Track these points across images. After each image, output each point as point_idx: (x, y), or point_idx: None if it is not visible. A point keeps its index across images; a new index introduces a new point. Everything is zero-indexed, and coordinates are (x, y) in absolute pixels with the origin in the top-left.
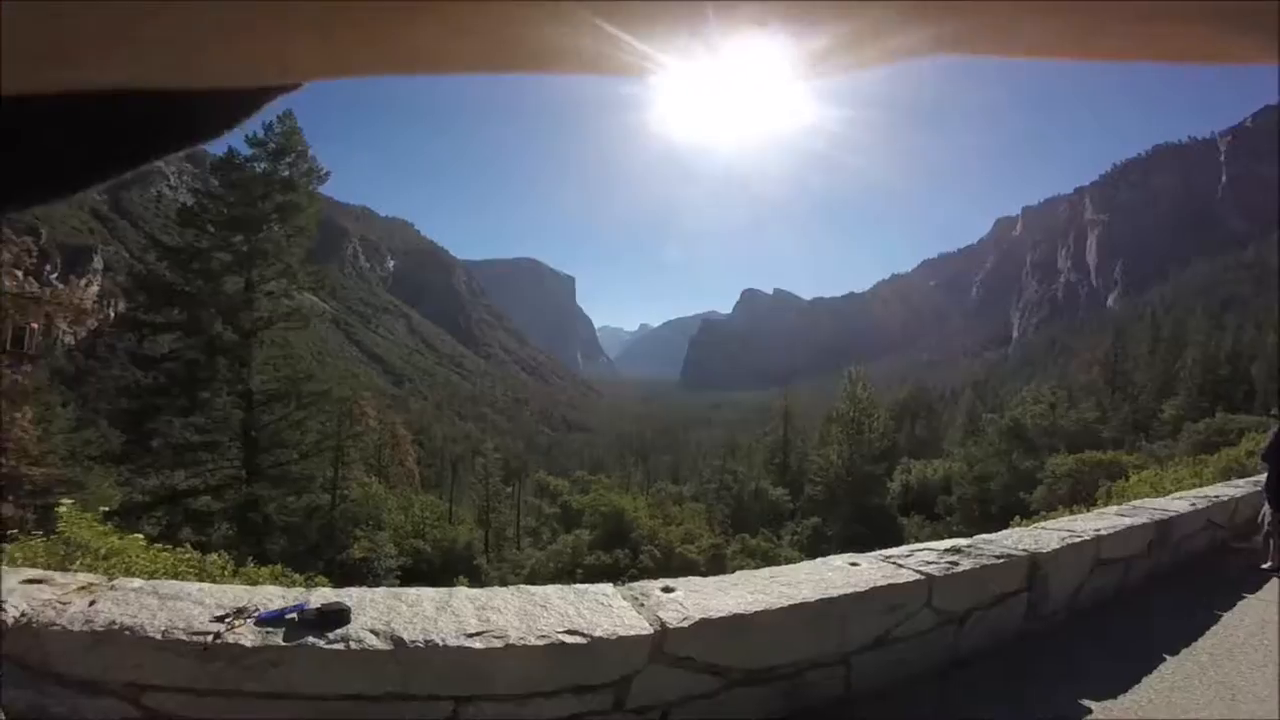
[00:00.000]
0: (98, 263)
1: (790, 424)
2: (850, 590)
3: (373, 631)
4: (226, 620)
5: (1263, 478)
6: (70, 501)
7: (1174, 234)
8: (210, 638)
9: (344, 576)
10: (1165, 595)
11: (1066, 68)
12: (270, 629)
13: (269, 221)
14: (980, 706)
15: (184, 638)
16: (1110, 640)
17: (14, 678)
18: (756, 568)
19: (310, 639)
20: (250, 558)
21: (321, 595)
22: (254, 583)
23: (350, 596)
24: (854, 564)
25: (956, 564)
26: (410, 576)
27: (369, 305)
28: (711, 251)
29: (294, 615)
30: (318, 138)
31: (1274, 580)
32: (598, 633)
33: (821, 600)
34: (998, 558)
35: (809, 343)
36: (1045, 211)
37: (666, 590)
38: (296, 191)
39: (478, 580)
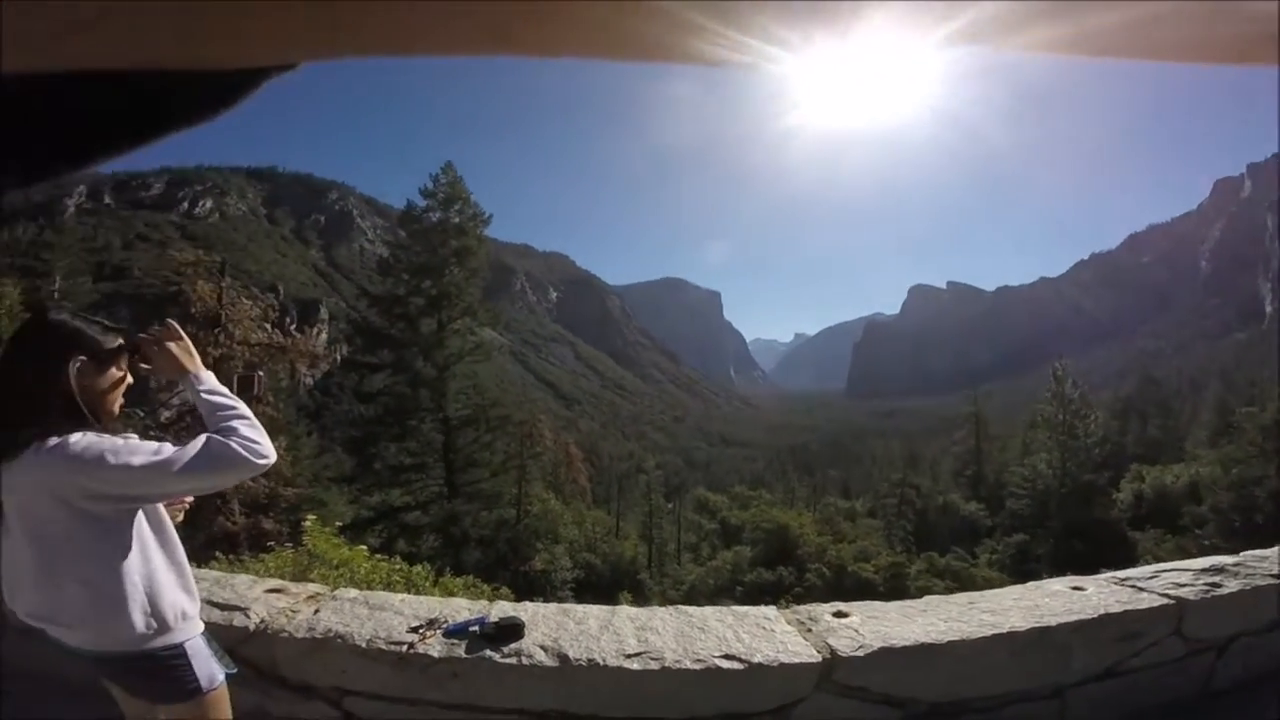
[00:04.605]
0: (324, 313)
1: (983, 431)
2: (1073, 618)
3: (542, 648)
4: (420, 630)
5: None
6: (314, 518)
7: None
8: (405, 648)
9: (526, 587)
10: None
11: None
12: (455, 640)
13: (449, 265)
14: None
15: (384, 647)
16: None
17: (243, 681)
18: (947, 589)
19: (488, 652)
20: (449, 568)
21: (500, 609)
22: (450, 593)
23: (525, 610)
24: (1078, 588)
25: (1218, 585)
26: (582, 588)
27: (538, 336)
28: (868, 250)
29: (476, 628)
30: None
31: None
32: (757, 658)
33: (1034, 629)
34: (1275, 577)
35: (994, 340)
36: (1277, 166)
37: (839, 615)
38: (467, 235)
39: (641, 594)
